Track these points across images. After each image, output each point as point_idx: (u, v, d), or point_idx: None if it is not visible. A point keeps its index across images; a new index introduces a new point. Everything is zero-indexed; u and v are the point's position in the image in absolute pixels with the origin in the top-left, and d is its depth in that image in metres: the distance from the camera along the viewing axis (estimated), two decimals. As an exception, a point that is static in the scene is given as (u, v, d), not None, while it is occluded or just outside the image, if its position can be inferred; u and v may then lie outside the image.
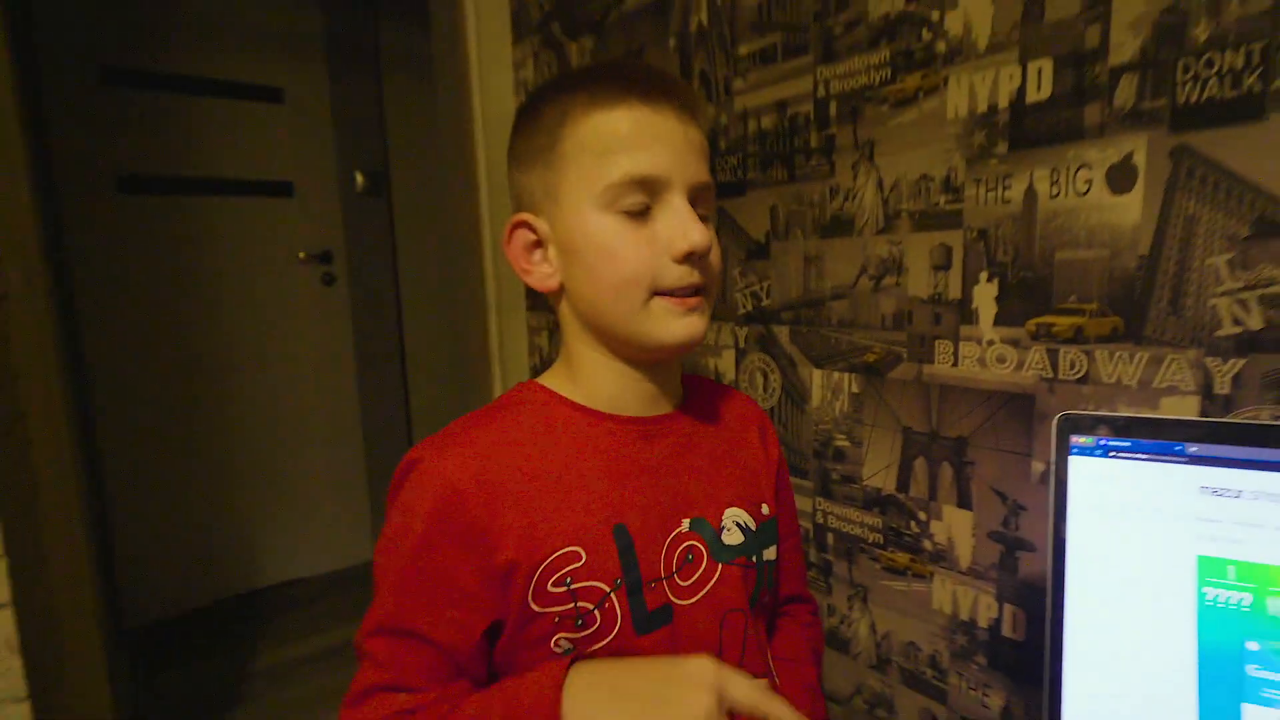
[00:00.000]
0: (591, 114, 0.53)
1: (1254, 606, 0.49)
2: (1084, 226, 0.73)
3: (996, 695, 0.87)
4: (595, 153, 0.53)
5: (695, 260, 0.54)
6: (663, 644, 0.55)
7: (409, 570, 0.52)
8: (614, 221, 0.53)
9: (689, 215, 0.53)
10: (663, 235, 0.53)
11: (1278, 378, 0.63)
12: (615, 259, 0.53)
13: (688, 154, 0.54)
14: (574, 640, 0.53)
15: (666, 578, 0.56)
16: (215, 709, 1.77)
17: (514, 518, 0.52)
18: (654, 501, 0.57)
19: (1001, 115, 0.79)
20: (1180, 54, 0.66)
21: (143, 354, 2.13)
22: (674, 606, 0.56)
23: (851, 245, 0.95)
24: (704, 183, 0.55)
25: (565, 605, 0.52)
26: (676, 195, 0.53)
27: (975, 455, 0.85)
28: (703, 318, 0.56)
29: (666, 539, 0.57)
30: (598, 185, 0.52)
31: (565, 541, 0.53)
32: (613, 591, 0.53)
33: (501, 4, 1.57)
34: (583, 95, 0.54)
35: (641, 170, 0.52)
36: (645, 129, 0.52)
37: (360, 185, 2.47)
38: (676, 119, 0.53)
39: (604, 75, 0.56)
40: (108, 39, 2.01)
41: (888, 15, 0.88)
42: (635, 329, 0.55)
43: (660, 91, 0.53)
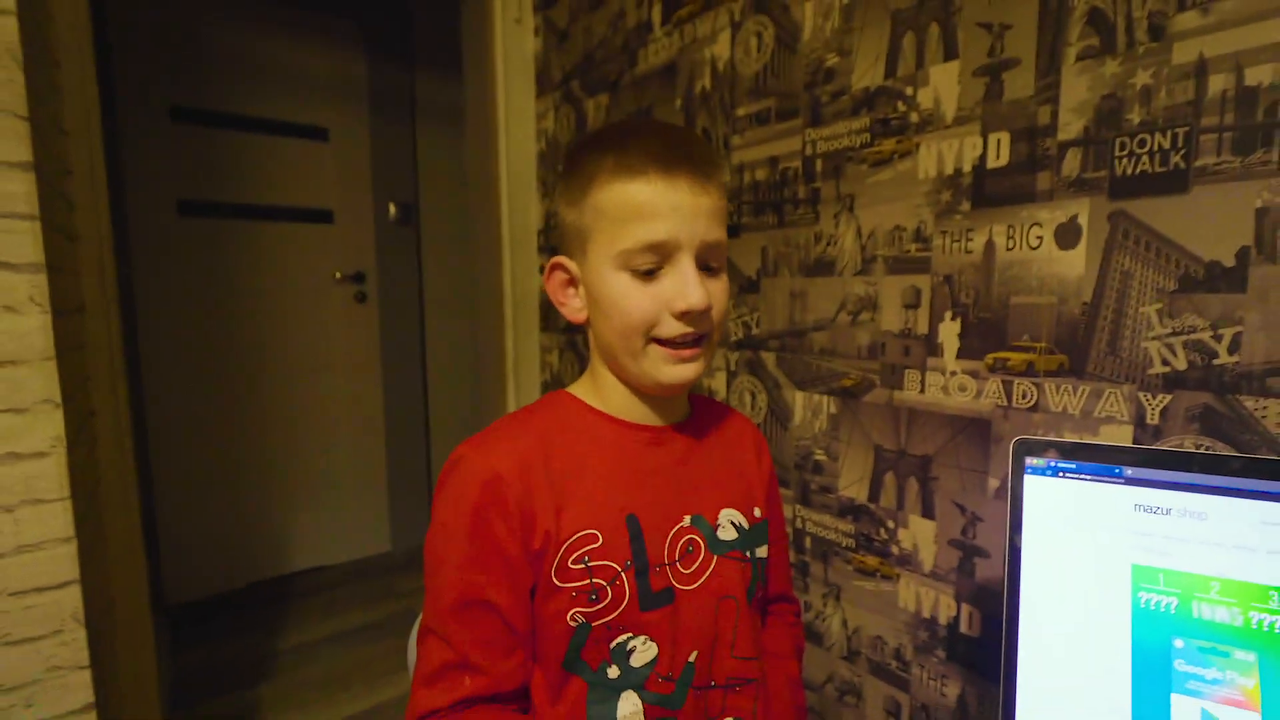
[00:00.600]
0: (614, 182, 0.54)
1: (1180, 609, 0.51)
2: (1035, 276, 0.76)
3: (953, 685, 0.88)
4: (616, 219, 0.54)
5: (694, 316, 0.55)
6: (664, 621, 0.57)
7: (466, 547, 0.53)
8: (626, 279, 0.55)
9: (692, 278, 0.54)
10: (667, 293, 0.54)
11: (1199, 412, 0.65)
12: (623, 310, 0.55)
13: (698, 219, 0.54)
14: (587, 614, 0.54)
15: (669, 564, 0.58)
16: (244, 682, 1.75)
17: (546, 502, 0.54)
18: (660, 498, 0.59)
19: (965, 178, 0.81)
20: (1118, 133, 0.69)
21: (191, 359, 2.12)
22: (675, 590, 0.58)
23: (832, 284, 0.98)
24: (713, 241, 0.55)
25: (583, 581, 0.54)
26: (684, 257, 0.54)
27: (938, 471, 0.87)
28: (698, 364, 0.57)
29: (670, 531, 0.59)
30: (615, 248, 0.54)
31: (586, 525, 0.55)
32: (623, 571, 0.55)
33: (527, 63, 1.60)
34: (610, 161, 0.55)
35: (653, 239, 0.53)
36: (660, 201, 0.53)
37: (393, 215, 2.49)
38: (690, 189, 0.53)
39: (631, 143, 0.55)
40: (177, 82, 2.04)
41: (868, 88, 0.91)
42: (635, 368, 0.57)
43: (678, 163, 0.54)
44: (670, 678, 0.56)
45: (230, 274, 2.18)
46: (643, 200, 0.53)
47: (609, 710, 0.55)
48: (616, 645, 0.55)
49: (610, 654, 0.55)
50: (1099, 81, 0.70)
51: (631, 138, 0.56)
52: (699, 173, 0.54)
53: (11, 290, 0.78)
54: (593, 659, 0.55)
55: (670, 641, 0.57)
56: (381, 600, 2.20)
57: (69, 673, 0.84)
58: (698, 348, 0.57)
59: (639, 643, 0.56)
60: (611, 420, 0.61)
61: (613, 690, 0.55)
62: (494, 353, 1.68)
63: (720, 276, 0.58)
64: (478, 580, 0.53)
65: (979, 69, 0.79)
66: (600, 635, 0.55)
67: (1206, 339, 0.64)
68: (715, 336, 0.59)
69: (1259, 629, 0.48)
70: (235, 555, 2.25)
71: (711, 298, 0.55)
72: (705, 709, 0.59)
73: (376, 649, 1.91)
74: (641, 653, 0.56)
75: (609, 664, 0.55)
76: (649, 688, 0.56)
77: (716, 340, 0.59)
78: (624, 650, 0.55)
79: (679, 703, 0.57)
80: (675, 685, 0.57)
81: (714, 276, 0.57)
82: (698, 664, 0.58)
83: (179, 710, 1.62)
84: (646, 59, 1.29)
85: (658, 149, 0.54)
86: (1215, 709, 0.49)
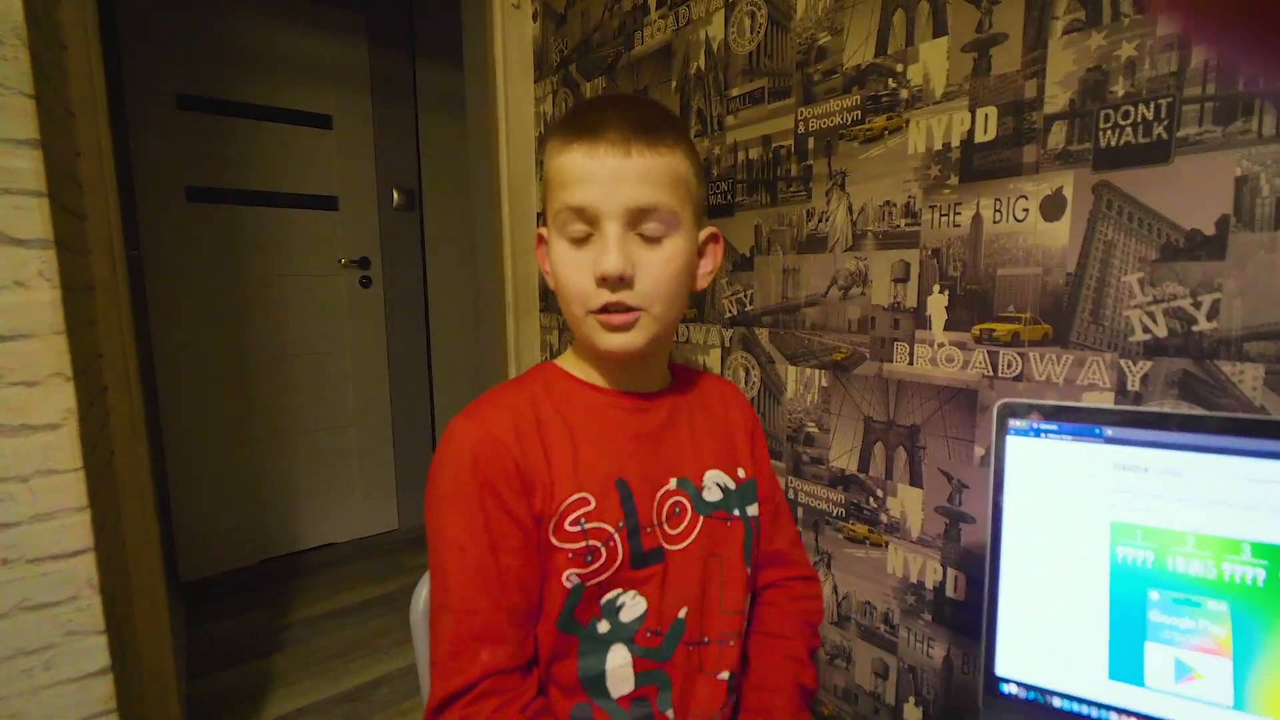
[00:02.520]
0: (555, 153, 0.54)
1: (1155, 563, 0.52)
2: (1021, 248, 0.76)
3: (939, 646, 0.89)
4: (554, 186, 0.55)
5: (612, 283, 0.52)
6: (654, 577, 0.57)
7: (475, 513, 0.52)
8: (563, 246, 0.54)
9: (612, 243, 0.51)
10: (592, 261, 0.53)
11: (1178, 377, 0.66)
12: (562, 279, 0.55)
13: (620, 184, 0.51)
14: (582, 575, 0.54)
15: (658, 525, 0.58)
16: (257, 653, 1.77)
17: (540, 466, 0.54)
18: (646, 463, 0.59)
19: (954, 153, 0.81)
20: (1102, 106, 0.69)
21: (202, 341, 2.12)
22: (665, 550, 0.58)
23: (824, 260, 0.98)
24: (643, 205, 0.52)
25: (579, 544, 0.54)
26: (610, 223, 0.52)
27: (926, 441, 0.87)
28: (634, 333, 0.54)
29: (657, 494, 0.59)
30: (552, 212, 0.55)
31: (579, 488, 0.55)
32: (616, 532, 0.55)
33: (526, 48, 1.59)
34: (554, 134, 0.56)
35: (573, 203, 0.52)
36: (580, 166, 0.52)
37: (396, 201, 2.48)
38: (612, 152, 0.51)
39: (577, 114, 0.55)
40: (183, 70, 2.02)
41: (859, 66, 0.90)
42: (582, 335, 0.57)
43: (604, 128, 0.52)
44: (658, 632, 0.57)
45: (238, 259, 2.17)
46: (569, 167, 0.53)
47: (599, 662, 0.55)
48: (606, 601, 0.56)
49: (600, 609, 0.55)
50: (1084, 54, 0.69)
51: (581, 108, 0.56)
52: (626, 137, 0.52)
53: (22, 265, 0.78)
54: (584, 616, 0.55)
55: (659, 598, 0.57)
56: (389, 576, 2.22)
57: (85, 637, 0.85)
58: (628, 315, 0.53)
59: (628, 598, 0.56)
60: (595, 389, 0.61)
61: (603, 644, 0.56)
62: (496, 333, 1.68)
63: (661, 245, 0.54)
64: (492, 544, 0.52)
65: (967, 44, 0.79)
66: (592, 594, 0.55)
67: (1186, 306, 0.65)
68: (657, 309, 0.54)
69: (1231, 580, 0.49)
70: (247, 533, 2.26)
71: (641, 266, 0.53)
72: (699, 663, 0.59)
73: (384, 622, 1.93)
74: (630, 608, 0.56)
75: (599, 619, 0.56)
76: (638, 641, 0.56)
77: (660, 313, 0.55)
78: (614, 606, 0.56)
79: (667, 655, 0.57)
80: (663, 639, 0.57)
81: (651, 245, 0.53)
82: (688, 620, 0.58)
83: (195, 680, 1.64)
84: (643, 41, 1.28)
85: (593, 117, 0.53)
86: (1188, 656, 0.49)
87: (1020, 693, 0.55)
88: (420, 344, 2.63)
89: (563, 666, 0.56)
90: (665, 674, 0.57)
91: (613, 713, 0.56)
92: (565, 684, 0.56)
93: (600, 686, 0.55)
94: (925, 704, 0.91)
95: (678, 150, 0.55)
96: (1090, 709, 0.52)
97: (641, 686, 0.56)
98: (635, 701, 0.56)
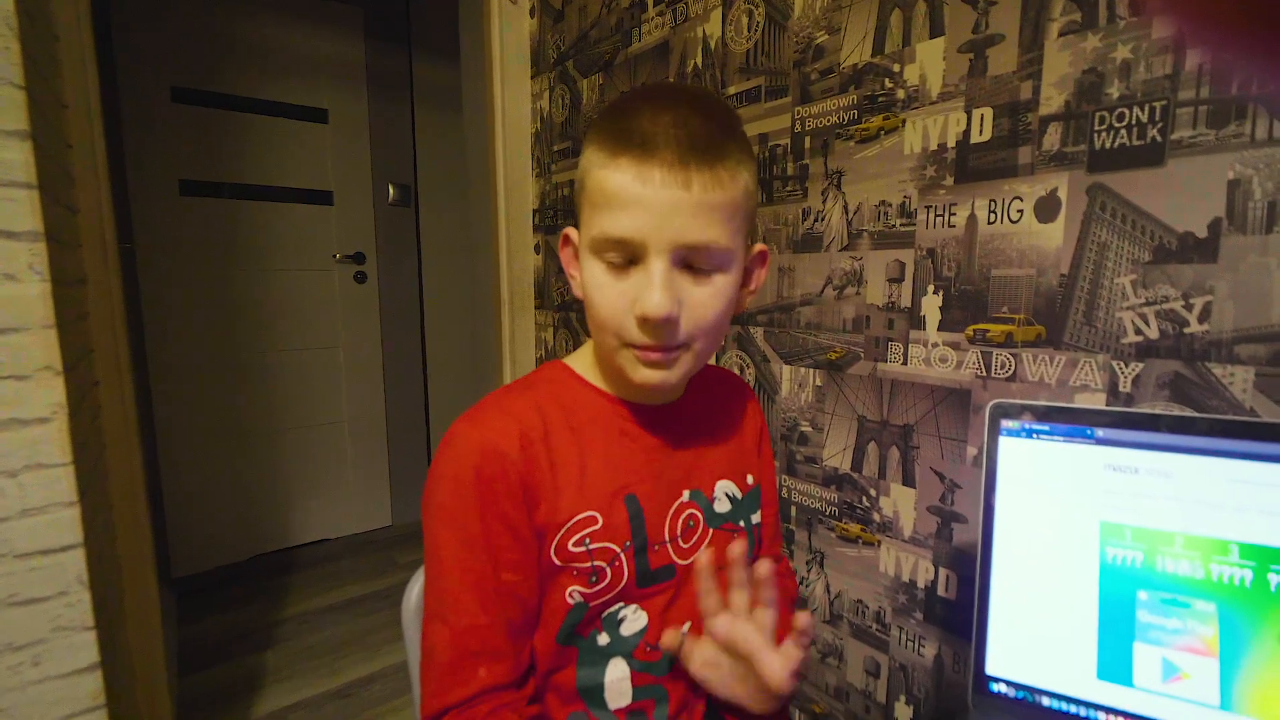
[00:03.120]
0: (595, 159, 0.48)
1: (1145, 563, 0.52)
2: (1015, 249, 0.76)
3: (930, 645, 0.89)
4: (592, 203, 0.49)
5: (654, 326, 0.47)
6: (663, 594, 0.56)
7: (475, 526, 0.50)
8: (600, 269, 0.49)
9: (658, 283, 0.46)
10: (632, 293, 0.48)
11: (1169, 379, 0.66)
12: (596, 304, 0.50)
13: (674, 217, 0.45)
14: (585, 594, 0.52)
15: (670, 541, 0.56)
16: (250, 649, 1.76)
17: (546, 480, 0.52)
18: (659, 476, 0.57)
19: (949, 153, 0.81)
20: (1097, 108, 0.69)
21: (195, 335, 2.11)
22: (676, 566, 0.56)
23: (819, 259, 0.98)
24: (696, 243, 0.46)
25: (584, 564, 0.52)
26: (655, 259, 0.46)
27: (919, 440, 0.87)
28: (672, 370, 0.50)
29: (670, 508, 0.57)
30: (589, 233, 0.49)
31: (586, 507, 0.52)
32: (622, 552, 0.53)
33: (523, 44, 1.58)
34: (597, 135, 0.49)
35: (616, 233, 0.47)
36: (630, 191, 0.46)
37: (392, 196, 2.47)
38: (667, 181, 0.45)
39: (623, 115, 0.48)
40: (178, 64, 2.01)
41: (856, 65, 0.90)
42: (612, 361, 0.53)
43: (659, 148, 0.45)
44: (659, 647, 0.55)
45: (231, 254, 2.16)
46: (612, 188, 0.46)
47: (597, 673, 0.54)
48: (608, 615, 0.54)
49: (601, 623, 0.55)
50: (1080, 56, 0.69)
51: (629, 107, 0.49)
52: (685, 161, 0.45)
53: (11, 258, 0.77)
54: (584, 630, 0.54)
55: (661, 614, 0.56)
56: (381, 572, 2.21)
57: (74, 633, 0.84)
58: (670, 353, 0.49)
59: (629, 612, 0.55)
60: (609, 398, 0.57)
61: (602, 656, 0.55)
62: (490, 330, 1.68)
63: (711, 280, 0.49)
64: (493, 559, 0.50)
65: (964, 45, 0.79)
66: (595, 611, 0.54)
67: (1178, 308, 0.65)
68: (699, 345, 0.51)
69: (1219, 581, 0.49)
70: (240, 529, 2.25)
71: (687, 304, 0.48)
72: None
73: (376, 619, 1.92)
74: (631, 622, 0.55)
75: (599, 632, 0.55)
76: (637, 656, 0.55)
77: (701, 349, 0.51)
78: (615, 619, 0.55)
79: (665, 670, 0.56)
80: (663, 654, 0.56)
81: (700, 280, 0.49)
82: (689, 636, 0.56)
83: (187, 676, 1.63)
84: (640, 38, 1.28)
85: (645, 128, 0.46)
86: (1175, 656, 0.50)
87: (1010, 691, 0.55)
88: (415, 340, 2.63)
89: (561, 675, 0.55)
90: (663, 689, 0.56)
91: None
92: (564, 691, 0.55)
93: (598, 698, 0.55)
94: (916, 702, 0.91)
95: (740, 171, 0.48)
96: (1079, 708, 0.52)
97: (639, 700, 0.55)
98: (632, 714, 0.55)
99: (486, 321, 1.71)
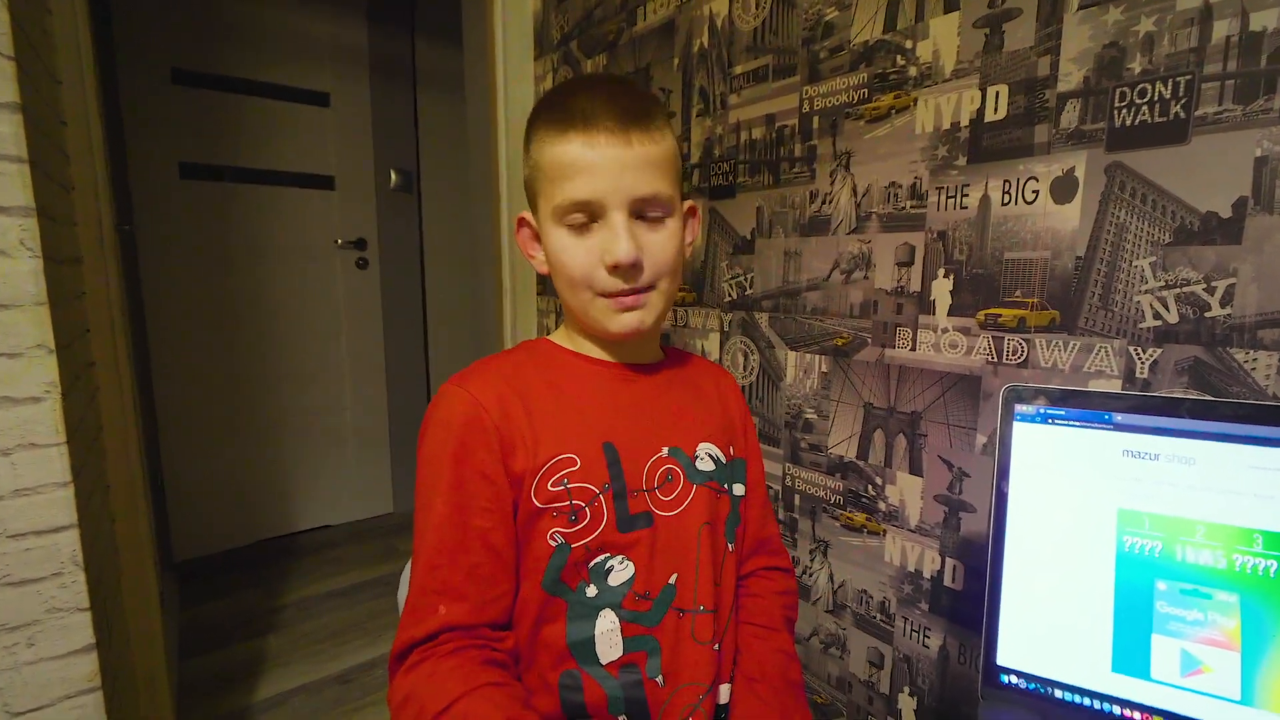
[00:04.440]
0: (546, 140, 0.55)
1: (1164, 552, 0.50)
2: (1030, 231, 0.74)
3: (935, 636, 0.87)
4: (549, 178, 0.55)
5: (625, 269, 0.54)
6: (643, 543, 0.56)
7: (450, 474, 0.53)
8: (564, 234, 0.55)
9: (621, 231, 0.53)
10: (598, 247, 0.54)
11: (1188, 364, 0.64)
12: (565, 265, 0.56)
13: (623, 174, 0.53)
14: (566, 535, 0.54)
15: (648, 490, 0.58)
16: (251, 634, 1.76)
17: (525, 431, 0.55)
18: (637, 429, 0.60)
19: (962, 132, 0.79)
20: (1118, 84, 0.66)
21: (195, 322, 2.10)
22: (654, 515, 0.58)
23: (827, 243, 0.95)
24: (645, 194, 0.54)
25: (562, 503, 0.54)
26: (614, 212, 0.53)
27: (927, 428, 0.86)
28: (646, 311, 0.57)
29: (648, 460, 0.59)
30: (550, 204, 0.55)
31: (564, 449, 0.55)
32: (601, 494, 0.55)
33: (526, 24, 1.56)
34: (542, 123, 0.56)
35: (579, 196, 0.53)
36: (582, 158, 0.53)
37: (394, 182, 2.44)
38: (611, 143, 0.52)
39: (562, 99, 0.56)
40: (178, 45, 1.98)
41: (867, 42, 0.88)
42: (588, 318, 0.58)
43: (599, 118, 0.53)
44: (647, 596, 0.56)
45: (232, 237, 2.14)
46: (567, 159, 0.53)
47: (587, 626, 0.55)
48: (595, 565, 0.55)
49: (589, 573, 0.55)
50: (1101, 30, 0.67)
51: (565, 94, 0.56)
52: (624, 125, 0.53)
53: (2, 234, 0.76)
54: (572, 579, 0.55)
55: (648, 562, 0.57)
56: (382, 559, 2.21)
57: (69, 614, 0.83)
58: (641, 295, 0.56)
59: (616, 562, 0.56)
60: (588, 359, 0.62)
61: (591, 608, 0.55)
62: (492, 316, 1.66)
63: (663, 225, 0.56)
64: (462, 504, 0.53)
65: (979, 20, 0.76)
66: (579, 556, 0.55)
67: (1199, 291, 0.63)
68: (664, 285, 0.58)
69: (1242, 571, 0.47)
70: (241, 514, 2.25)
71: (647, 249, 0.55)
72: (691, 630, 0.58)
73: (377, 605, 1.92)
74: (619, 572, 0.56)
75: (587, 583, 0.55)
76: (626, 606, 0.56)
77: (667, 289, 0.58)
78: (602, 569, 0.56)
79: (655, 620, 0.57)
80: (652, 604, 0.57)
81: (654, 226, 0.56)
82: (678, 586, 0.58)
83: (187, 660, 1.63)
84: (645, 17, 1.25)
85: (583, 105, 0.54)
86: (1195, 649, 0.48)
87: (1021, 683, 0.54)
88: (417, 326, 2.61)
89: (551, 630, 0.55)
90: (654, 640, 0.56)
91: (601, 679, 0.55)
92: (554, 650, 0.55)
93: (589, 653, 0.55)
94: (920, 694, 0.90)
95: (667, 133, 0.57)
96: (1093, 701, 0.51)
97: (630, 652, 0.56)
98: (624, 668, 0.56)
99: (488, 307, 1.69)
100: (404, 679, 0.51)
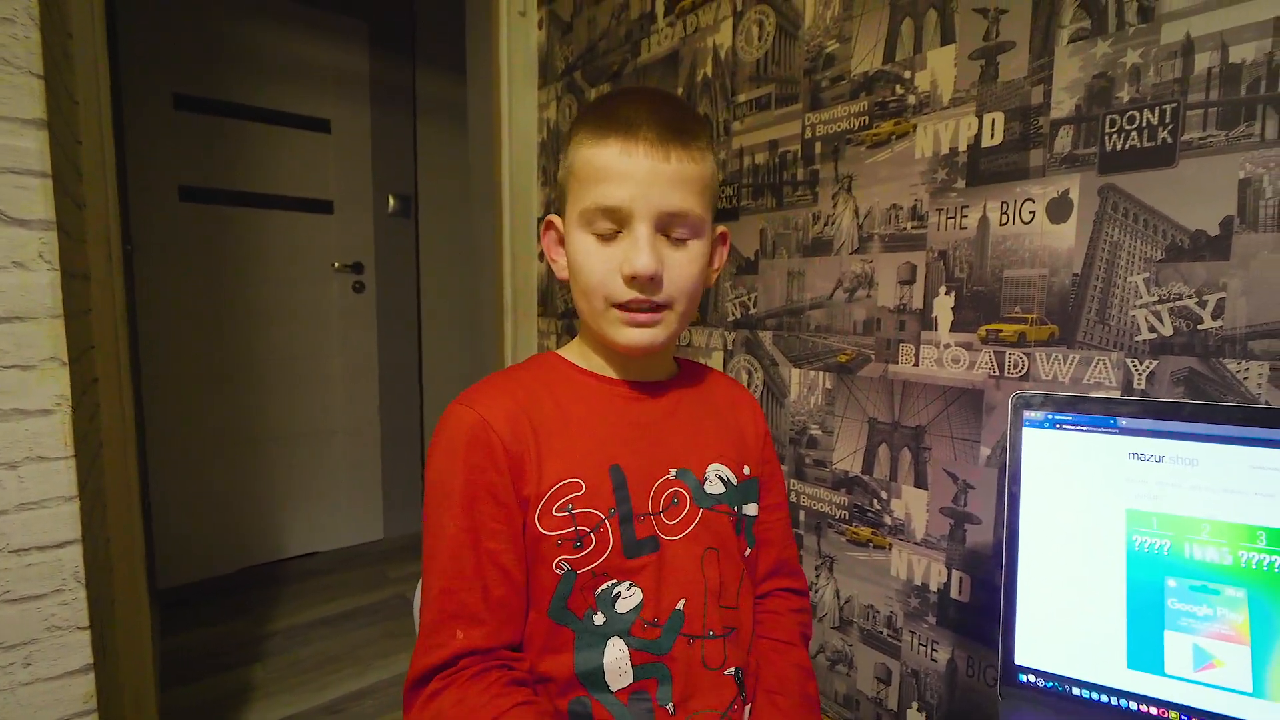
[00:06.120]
0: (584, 143, 0.55)
1: (1172, 550, 0.52)
2: (1028, 249, 0.77)
3: (943, 650, 0.88)
4: (581, 180, 0.55)
5: (643, 282, 0.54)
6: (649, 568, 0.56)
7: (459, 495, 0.52)
8: (588, 240, 0.55)
9: (644, 244, 0.53)
10: (619, 257, 0.54)
11: (1183, 375, 0.67)
12: (583, 270, 0.56)
13: (655, 186, 0.52)
14: (571, 562, 0.53)
15: (654, 514, 0.57)
16: (235, 663, 1.71)
17: (530, 450, 0.54)
18: (645, 451, 0.59)
19: (960, 157, 0.83)
20: (1108, 111, 0.71)
21: (188, 344, 2.08)
22: (660, 539, 0.57)
23: (829, 263, 0.99)
24: (675, 210, 0.53)
25: (566, 529, 0.53)
26: (640, 224, 0.53)
27: (931, 441, 0.88)
28: (658, 329, 0.56)
29: (655, 483, 0.58)
30: (578, 208, 0.55)
31: (570, 473, 0.54)
32: (607, 519, 0.54)
33: (530, 54, 1.60)
34: (584, 125, 0.56)
35: (606, 203, 0.53)
36: (616, 165, 0.52)
37: (392, 206, 2.47)
38: (649, 154, 0.52)
39: (608, 106, 0.56)
40: (182, 71, 2.01)
41: (867, 73, 0.92)
42: (598, 328, 0.58)
43: (640, 128, 0.53)
44: (656, 623, 0.55)
45: (230, 261, 2.14)
46: (600, 164, 0.53)
47: (595, 655, 0.54)
48: (602, 592, 0.54)
49: (596, 601, 0.54)
50: (1090, 62, 0.71)
51: (612, 100, 0.56)
52: (664, 139, 0.53)
53: (23, 246, 0.76)
54: (578, 607, 0.54)
55: (655, 588, 0.56)
56: (373, 586, 2.16)
57: (68, 633, 0.82)
58: (653, 314, 0.55)
59: (624, 588, 0.55)
60: (596, 376, 0.61)
61: (600, 637, 0.54)
62: (492, 338, 1.67)
63: (687, 246, 0.56)
64: (473, 526, 0.52)
65: (975, 52, 0.81)
66: (585, 583, 0.54)
67: (1192, 305, 0.66)
68: (681, 307, 0.57)
69: (1248, 567, 0.49)
70: (227, 540, 2.20)
71: (669, 266, 0.54)
72: (702, 657, 0.57)
73: (367, 633, 1.88)
74: (626, 599, 0.55)
75: (595, 611, 0.54)
76: (634, 633, 0.55)
77: (683, 311, 0.58)
78: (609, 596, 0.55)
79: (665, 648, 0.55)
80: (661, 631, 0.55)
81: (678, 246, 0.55)
82: (687, 612, 0.57)
83: (168, 690, 1.58)
84: (649, 48, 1.30)
85: (628, 113, 0.54)
86: (1206, 644, 0.49)
87: (1039, 681, 0.55)
88: (412, 351, 2.61)
89: (558, 661, 0.54)
90: (665, 667, 0.55)
91: (611, 706, 0.54)
92: (561, 680, 0.54)
93: (598, 680, 0.54)
94: (929, 709, 0.90)
95: (708, 154, 0.56)
96: (1111, 697, 0.52)
97: (640, 680, 0.55)
98: (634, 695, 0.54)
99: (487, 329, 1.70)
100: (428, 707, 0.50)
